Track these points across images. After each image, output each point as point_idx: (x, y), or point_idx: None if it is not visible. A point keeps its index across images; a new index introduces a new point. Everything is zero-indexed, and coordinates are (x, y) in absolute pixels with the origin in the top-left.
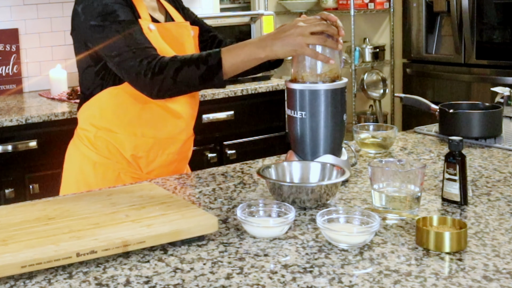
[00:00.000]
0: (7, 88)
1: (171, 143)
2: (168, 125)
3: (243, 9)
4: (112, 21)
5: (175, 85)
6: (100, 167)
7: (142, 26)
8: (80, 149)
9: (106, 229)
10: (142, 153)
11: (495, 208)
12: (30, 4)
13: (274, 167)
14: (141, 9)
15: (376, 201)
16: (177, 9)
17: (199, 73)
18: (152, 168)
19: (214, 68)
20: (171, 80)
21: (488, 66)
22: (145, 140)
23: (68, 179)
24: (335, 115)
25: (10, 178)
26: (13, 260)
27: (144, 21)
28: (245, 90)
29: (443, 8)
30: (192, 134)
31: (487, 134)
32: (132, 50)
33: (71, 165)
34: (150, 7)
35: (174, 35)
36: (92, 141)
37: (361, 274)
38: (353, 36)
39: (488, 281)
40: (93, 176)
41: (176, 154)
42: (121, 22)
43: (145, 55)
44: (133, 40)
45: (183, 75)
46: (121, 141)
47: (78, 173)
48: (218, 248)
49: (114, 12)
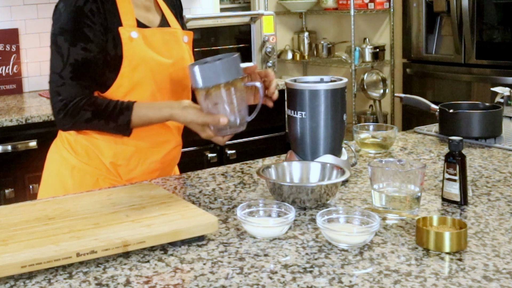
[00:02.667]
0: (7, 88)
1: (155, 152)
2: (151, 134)
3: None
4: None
5: (84, 129)
6: (79, 172)
7: (122, 36)
8: (60, 152)
9: (106, 229)
10: (122, 161)
11: (495, 208)
12: (30, 4)
13: (274, 167)
14: (125, 14)
15: (376, 201)
16: (175, 15)
17: (108, 127)
18: (132, 176)
19: (123, 127)
20: (81, 126)
21: (488, 66)
22: (126, 148)
23: (46, 181)
24: (335, 115)
25: (10, 178)
26: (13, 260)
27: (126, 28)
28: None
29: (443, 8)
30: (180, 143)
31: (487, 134)
32: (60, 82)
33: (50, 167)
34: (143, 6)
35: (161, 41)
36: (72, 144)
37: (361, 274)
38: (353, 36)
39: (488, 281)
40: (70, 180)
41: (159, 163)
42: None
43: (66, 93)
44: (68, 72)
45: (93, 125)
46: (101, 147)
47: (56, 176)
48: (218, 248)
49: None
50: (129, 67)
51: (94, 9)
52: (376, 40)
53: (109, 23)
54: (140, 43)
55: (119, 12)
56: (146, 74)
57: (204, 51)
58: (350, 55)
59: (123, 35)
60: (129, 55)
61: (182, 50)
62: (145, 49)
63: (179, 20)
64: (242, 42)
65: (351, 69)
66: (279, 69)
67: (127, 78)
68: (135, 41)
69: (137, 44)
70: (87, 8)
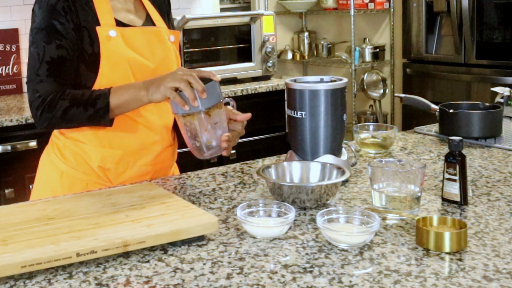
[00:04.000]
0: (7, 88)
1: (143, 155)
2: (138, 136)
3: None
4: (38, 41)
5: (63, 123)
6: (67, 178)
7: (99, 35)
8: (50, 157)
9: (106, 229)
10: (110, 165)
11: (495, 208)
12: (30, 4)
13: (274, 167)
14: (102, 13)
15: (376, 201)
16: (161, 14)
17: (87, 114)
18: (122, 180)
19: (102, 111)
20: (59, 119)
21: (488, 66)
22: (113, 151)
23: (37, 187)
24: (335, 115)
25: (10, 178)
26: (13, 260)
27: (103, 27)
28: (245, 90)
29: (443, 8)
30: (171, 143)
31: (487, 134)
32: (37, 80)
33: (40, 172)
34: (124, 9)
35: (143, 41)
36: (61, 150)
37: (361, 274)
38: (353, 36)
39: (488, 281)
40: (59, 185)
41: (149, 166)
42: (46, 44)
43: (43, 90)
44: (44, 70)
45: (71, 115)
46: (88, 152)
47: (45, 181)
48: (218, 248)
49: (45, 30)
50: (107, 66)
51: (66, 7)
52: (376, 40)
53: (83, 21)
54: (119, 41)
55: (96, 11)
56: (126, 73)
57: (204, 51)
58: (350, 55)
59: (100, 34)
60: (106, 54)
61: (166, 50)
62: (124, 48)
63: (165, 19)
64: (242, 42)
65: (351, 69)
66: (279, 69)
67: (106, 78)
68: (114, 40)
69: (116, 43)
70: (59, 6)
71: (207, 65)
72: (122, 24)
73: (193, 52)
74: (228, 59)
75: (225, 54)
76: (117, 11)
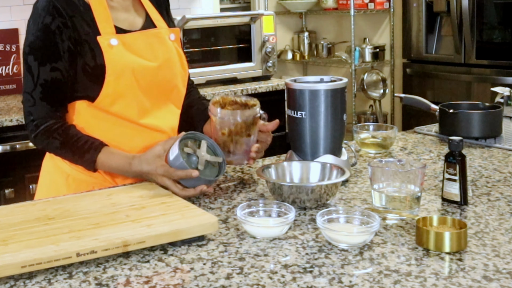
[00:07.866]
0: (7, 88)
1: None
2: (145, 139)
3: (243, 9)
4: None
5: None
6: (74, 181)
7: (101, 44)
8: (54, 159)
9: (106, 229)
10: None
11: (495, 208)
12: (30, 4)
13: (274, 167)
14: (102, 22)
15: (376, 201)
16: (160, 12)
17: (73, 160)
18: (129, 182)
19: (86, 164)
20: (50, 151)
21: (488, 66)
22: None
23: (42, 189)
24: (335, 115)
25: (10, 178)
26: (13, 260)
27: (104, 36)
28: (245, 90)
29: (443, 8)
30: None
31: (487, 134)
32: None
33: (44, 174)
34: (122, 7)
35: (144, 45)
36: None
37: (361, 274)
38: (353, 36)
39: (488, 281)
40: (65, 188)
41: None
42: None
43: (36, 114)
44: (38, 92)
45: (60, 154)
46: None
47: (50, 184)
48: (218, 248)
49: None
50: (113, 76)
51: (61, 25)
52: (376, 40)
53: (82, 34)
54: (121, 49)
55: (96, 20)
56: (130, 80)
57: (204, 51)
58: (350, 55)
59: (102, 43)
60: (111, 63)
61: (168, 50)
62: (127, 55)
63: (165, 17)
64: (242, 42)
65: (351, 69)
66: (279, 69)
67: (112, 87)
68: (116, 48)
69: (118, 51)
70: (54, 25)
71: (207, 65)
72: (122, 31)
73: (193, 52)
74: (228, 59)
75: (225, 54)
76: (116, 11)
